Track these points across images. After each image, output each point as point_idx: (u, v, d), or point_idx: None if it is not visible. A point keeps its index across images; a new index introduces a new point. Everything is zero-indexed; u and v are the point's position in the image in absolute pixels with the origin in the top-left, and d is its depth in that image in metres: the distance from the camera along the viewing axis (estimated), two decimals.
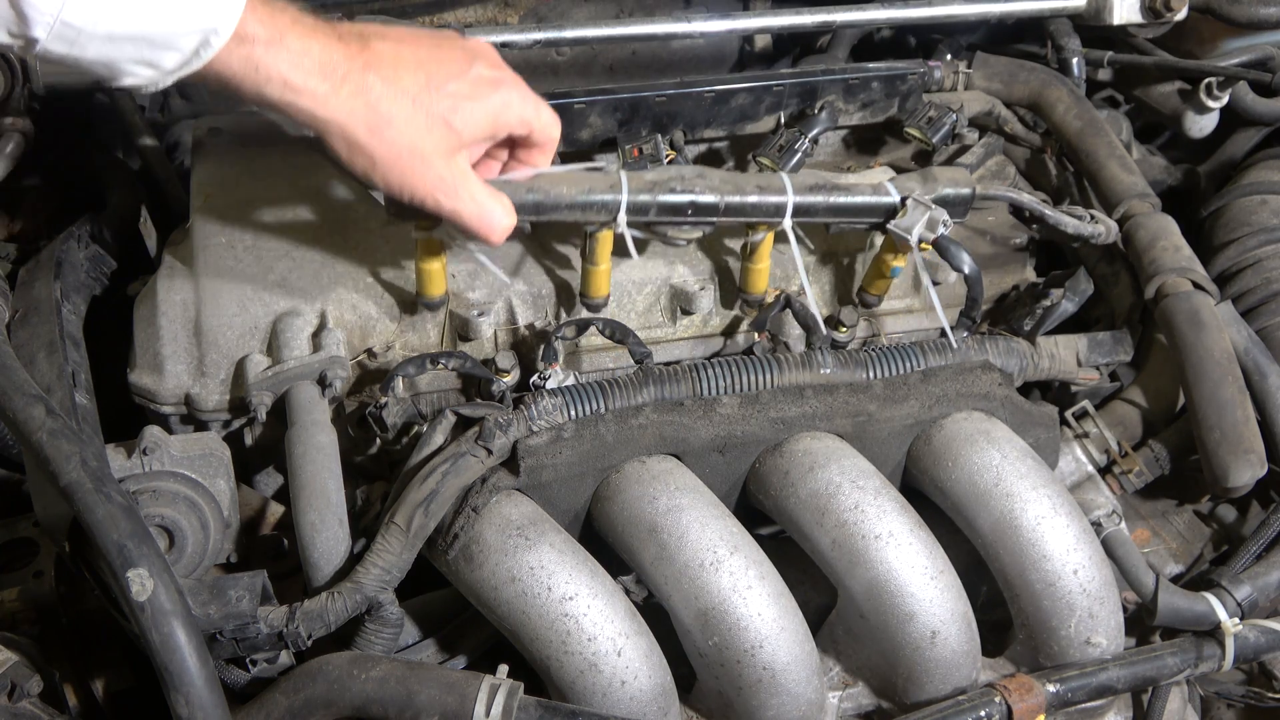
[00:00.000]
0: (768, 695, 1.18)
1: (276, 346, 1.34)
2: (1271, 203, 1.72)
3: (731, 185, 1.35)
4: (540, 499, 1.24)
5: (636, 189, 1.31)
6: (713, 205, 1.34)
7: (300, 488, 1.23)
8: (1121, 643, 1.32)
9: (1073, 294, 1.52)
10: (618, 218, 1.31)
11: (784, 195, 1.36)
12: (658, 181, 1.33)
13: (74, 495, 1.05)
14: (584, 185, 1.30)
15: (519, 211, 1.25)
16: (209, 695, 1.01)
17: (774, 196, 1.35)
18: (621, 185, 1.31)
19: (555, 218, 1.30)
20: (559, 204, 1.29)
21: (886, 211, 1.39)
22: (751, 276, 1.43)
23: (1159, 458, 1.50)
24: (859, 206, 1.39)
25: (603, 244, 1.35)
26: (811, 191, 1.37)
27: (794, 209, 1.36)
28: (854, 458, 1.30)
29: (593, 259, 1.36)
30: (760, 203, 1.35)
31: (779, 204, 1.36)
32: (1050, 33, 1.84)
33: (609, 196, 1.30)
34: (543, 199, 1.28)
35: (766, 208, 1.36)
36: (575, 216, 1.31)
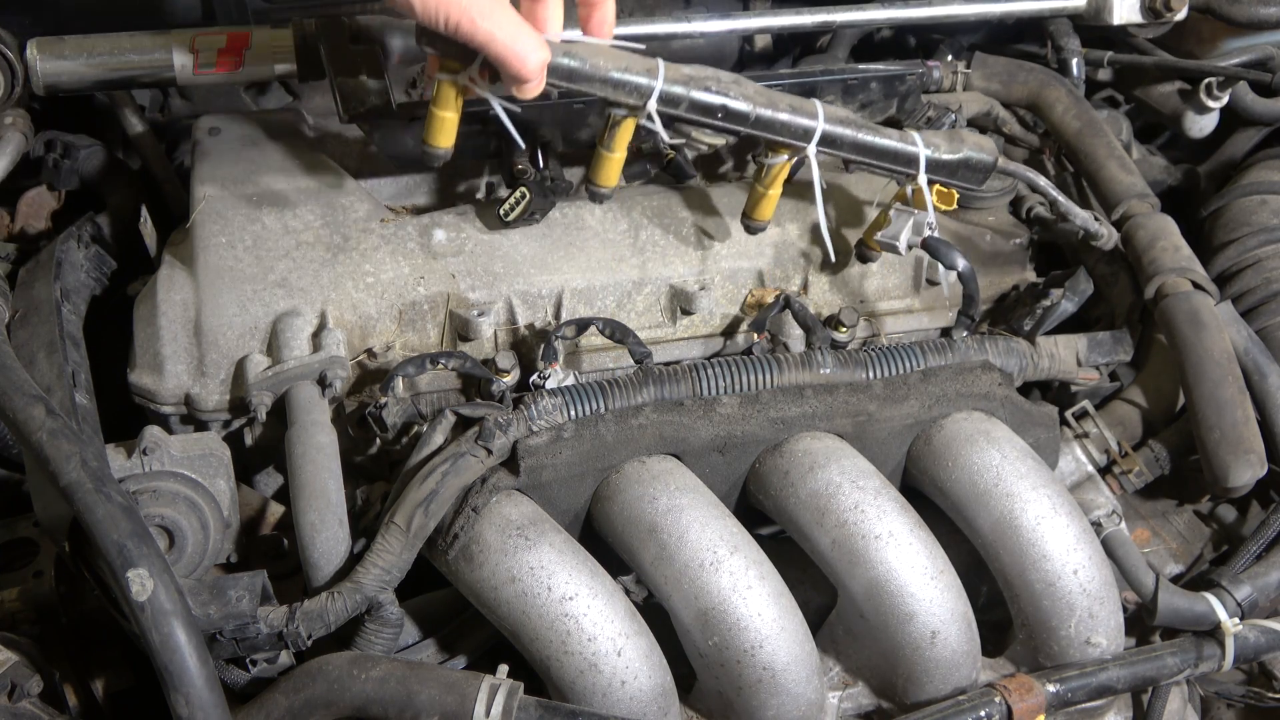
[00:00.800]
0: (768, 695, 1.18)
1: (276, 346, 1.34)
2: (1271, 203, 1.72)
3: (765, 99, 1.33)
4: (540, 499, 1.24)
5: (672, 79, 1.28)
6: (743, 114, 1.32)
7: (300, 488, 1.23)
8: (1121, 643, 1.32)
9: (1073, 294, 1.52)
10: (648, 104, 1.28)
11: (815, 120, 1.34)
12: (694, 78, 1.30)
13: (74, 495, 1.05)
14: (621, 62, 1.27)
15: (551, 75, 1.21)
16: (209, 695, 1.01)
17: (804, 119, 1.34)
18: (658, 71, 1.28)
19: (586, 89, 1.26)
20: (594, 76, 1.25)
21: (908, 160, 1.39)
22: (761, 202, 1.42)
23: (1159, 458, 1.50)
24: (883, 149, 1.38)
25: (624, 131, 1.32)
26: (841, 124, 1.36)
27: (821, 137, 1.35)
28: (854, 458, 1.30)
29: (610, 145, 1.34)
30: (790, 122, 1.34)
31: (808, 127, 1.34)
32: (1050, 33, 1.84)
33: (644, 80, 1.27)
34: (579, 66, 1.24)
35: (795, 128, 1.34)
36: (606, 92, 1.27)
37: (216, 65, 1.49)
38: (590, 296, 1.44)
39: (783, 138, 1.35)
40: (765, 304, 1.44)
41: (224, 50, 1.49)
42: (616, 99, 1.28)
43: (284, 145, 1.50)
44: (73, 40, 1.47)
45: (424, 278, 1.40)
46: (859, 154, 1.38)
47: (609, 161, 1.36)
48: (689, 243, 1.48)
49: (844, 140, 1.36)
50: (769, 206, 1.43)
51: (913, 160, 1.39)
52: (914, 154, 1.38)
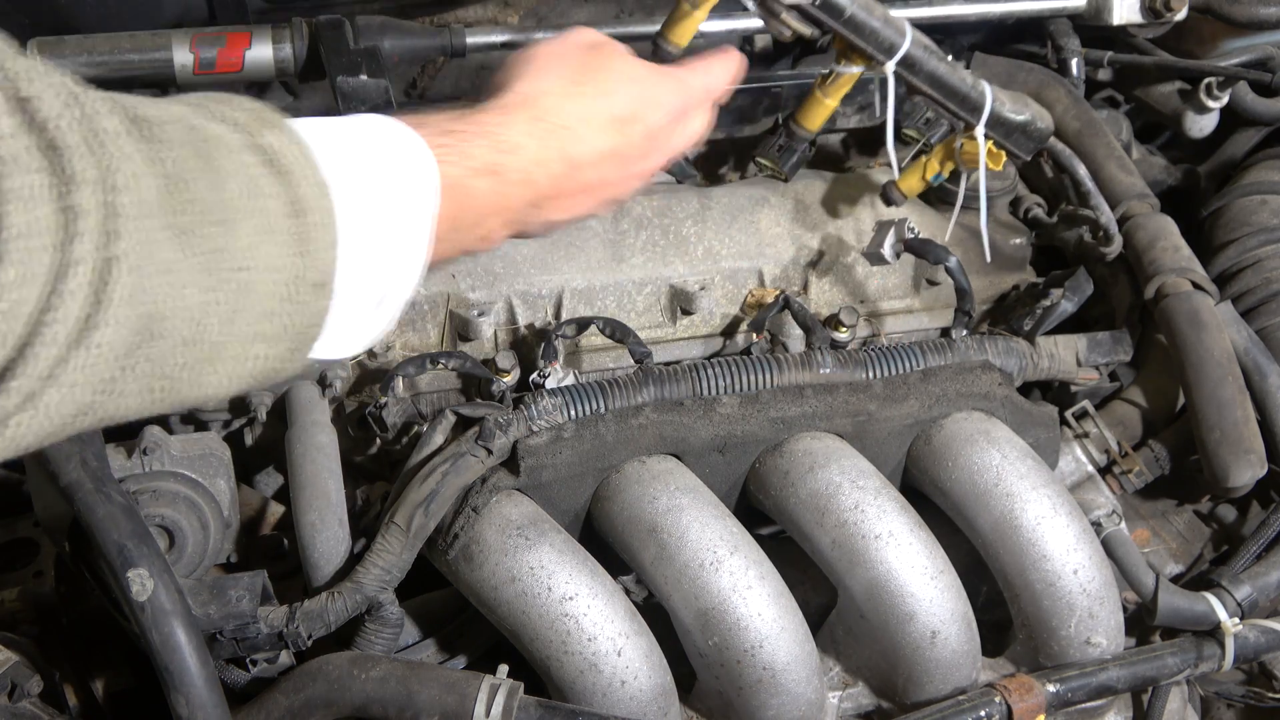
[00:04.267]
0: (768, 695, 1.18)
1: None
2: (1271, 203, 1.72)
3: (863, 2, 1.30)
4: (540, 499, 1.24)
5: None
6: (839, 7, 1.29)
7: (300, 488, 1.23)
8: (1121, 643, 1.32)
9: (1072, 294, 1.52)
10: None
11: (903, 37, 1.33)
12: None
13: (74, 495, 1.05)
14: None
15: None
16: (209, 695, 1.01)
17: (893, 33, 1.32)
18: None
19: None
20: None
21: (974, 107, 1.37)
22: (814, 109, 1.42)
23: (1159, 458, 1.50)
24: (954, 87, 1.36)
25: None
26: (925, 50, 1.35)
27: (903, 56, 1.33)
28: (854, 458, 1.30)
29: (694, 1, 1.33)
30: (880, 30, 1.32)
31: (894, 43, 1.32)
32: (1050, 33, 1.83)
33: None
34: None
35: (883, 39, 1.32)
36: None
37: (216, 65, 1.49)
38: (590, 296, 1.44)
39: (869, 45, 1.33)
40: (765, 304, 1.44)
41: (224, 50, 1.49)
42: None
43: None
44: (73, 40, 1.47)
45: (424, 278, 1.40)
46: (931, 85, 1.36)
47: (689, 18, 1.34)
48: (689, 243, 1.48)
49: (922, 66, 1.34)
50: (821, 116, 1.42)
51: (978, 109, 1.37)
52: (980, 102, 1.37)
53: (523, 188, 0.95)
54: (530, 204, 0.97)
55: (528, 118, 0.96)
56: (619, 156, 1.03)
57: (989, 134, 1.39)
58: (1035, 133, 1.40)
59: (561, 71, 1.02)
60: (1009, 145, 1.41)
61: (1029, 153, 1.42)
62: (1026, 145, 1.41)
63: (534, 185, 0.96)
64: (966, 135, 1.39)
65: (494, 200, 0.94)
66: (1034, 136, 1.40)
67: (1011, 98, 1.40)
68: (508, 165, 0.93)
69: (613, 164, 1.03)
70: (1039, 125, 1.40)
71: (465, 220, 0.92)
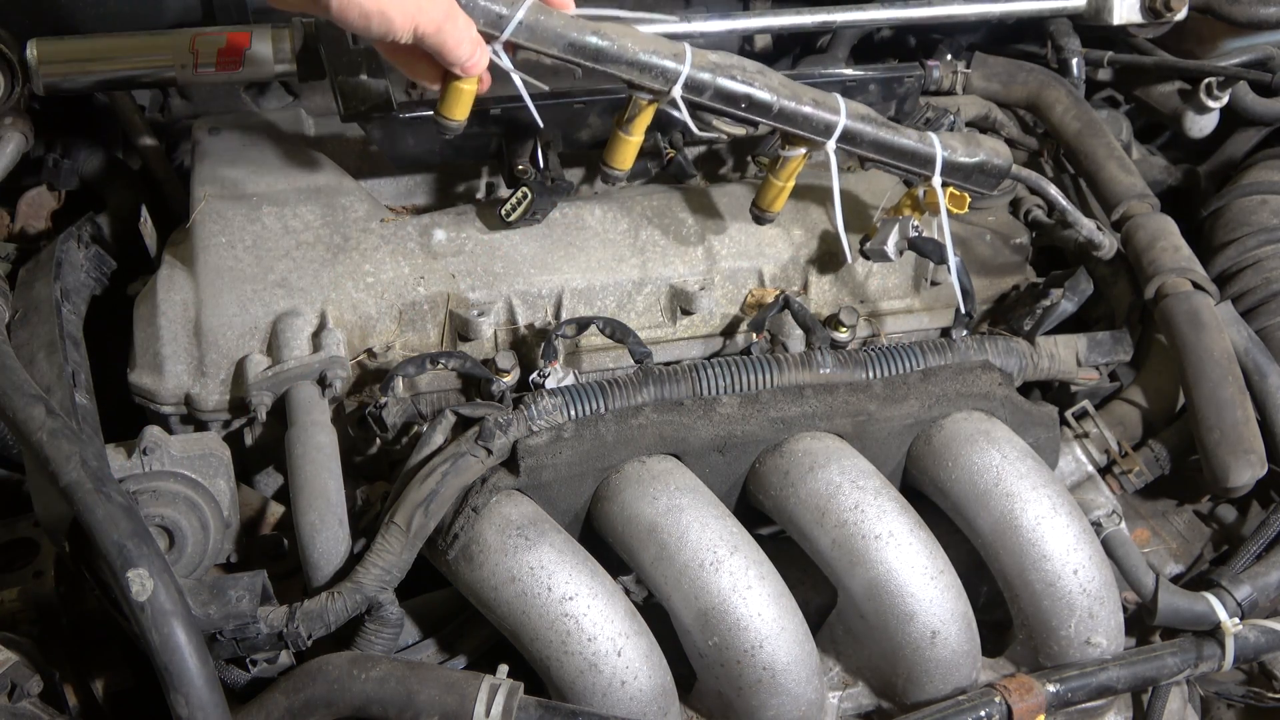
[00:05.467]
0: (768, 695, 1.18)
1: (276, 346, 1.34)
2: (1271, 203, 1.72)
3: (789, 91, 1.32)
4: (540, 499, 1.24)
5: (699, 65, 1.27)
6: (767, 104, 1.31)
7: (300, 488, 1.23)
8: (1121, 643, 1.32)
9: (1072, 294, 1.52)
10: (673, 89, 1.27)
11: (837, 115, 1.34)
12: (720, 65, 1.29)
13: (74, 495, 1.05)
14: (649, 45, 1.25)
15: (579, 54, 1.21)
16: (209, 695, 1.01)
17: (827, 113, 1.33)
18: (686, 57, 1.27)
19: (612, 70, 1.25)
20: (621, 57, 1.24)
21: (925, 160, 1.38)
22: (773, 193, 1.41)
23: (1159, 458, 1.50)
24: (901, 148, 1.38)
25: (645, 115, 1.31)
26: (862, 120, 1.35)
27: (841, 133, 1.34)
28: (854, 458, 1.30)
29: (629, 129, 1.33)
30: (812, 115, 1.33)
31: (829, 122, 1.33)
32: (1050, 33, 1.84)
33: (671, 64, 1.26)
34: (606, 46, 1.23)
35: (816, 122, 1.33)
36: (632, 75, 1.26)
37: (216, 65, 1.49)
38: (590, 296, 1.44)
39: (804, 131, 1.34)
40: (765, 304, 1.44)
41: (224, 50, 1.49)
42: (641, 83, 1.27)
43: (284, 145, 1.50)
44: (73, 40, 1.47)
45: (424, 278, 1.40)
46: (877, 152, 1.37)
47: (626, 144, 1.35)
48: (689, 243, 1.48)
49: (864, 137, 1.36)
50: (781, 199, 1.42)
51: (929, 161, 1.38)
52: (931, 155, 1.38)
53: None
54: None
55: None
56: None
57: (948, 181, 1.40)
58: (993, 169, 1.41)
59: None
60: (970, 187, 1.42)
61: (992, 189, 1.43)
62: (987, 183, 1.42)
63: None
64: (926, 185, 1.41)
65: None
66: (992, 173, 1.41)
67: (963, 140, 1.41)
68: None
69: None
70: (995, 162, 1.41)
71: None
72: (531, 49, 1.21)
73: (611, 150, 1.36)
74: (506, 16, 1.17)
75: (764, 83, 1.30)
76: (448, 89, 1.25)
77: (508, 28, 1.18)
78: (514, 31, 1.18)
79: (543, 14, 1.20)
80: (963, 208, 1.41)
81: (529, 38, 1.20)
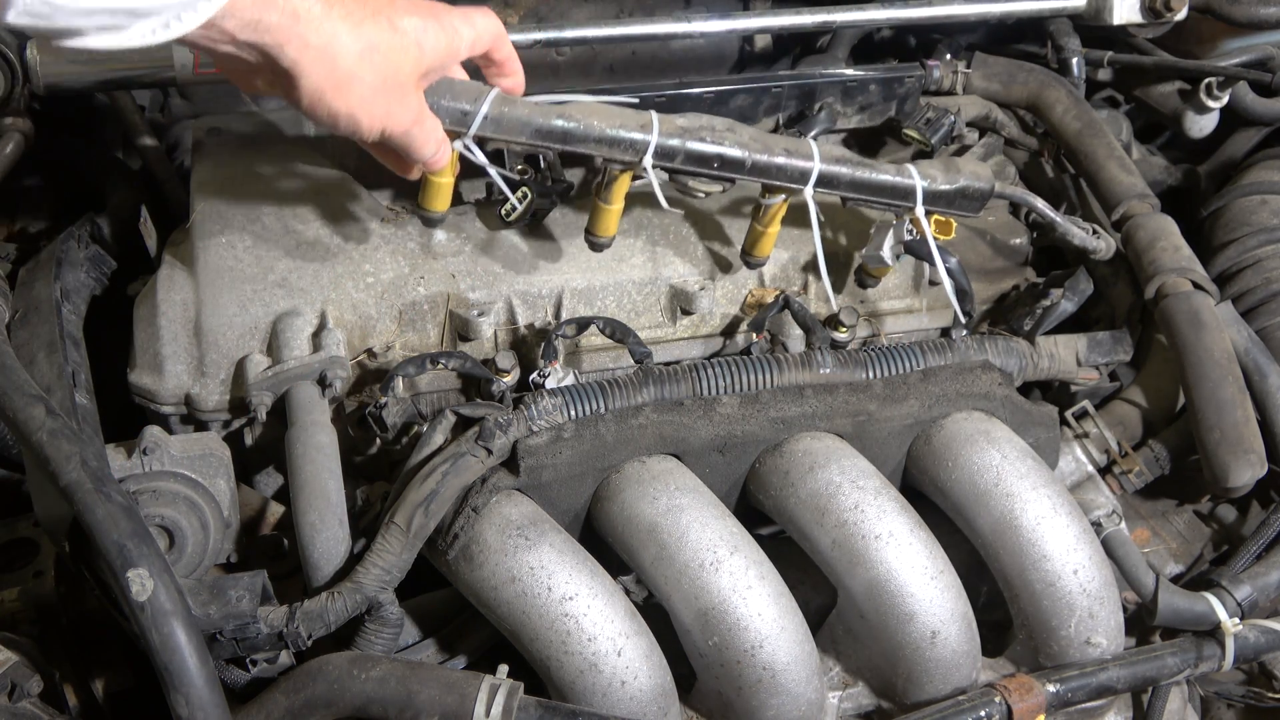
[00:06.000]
0: (768, 695, 1.18)
1: (276, 346, 1.34)
2: (1271, 203, 1.72)
3: (760, 145, 1.33)
4: (540, 499, 1.24)
5: (667, 133, 1.30)
6: (739, 161, 1.32)
7: (300, 488, 1.23)
8: (1121, 643, 1.32)
9: (1072, 294, 1.52)
10: (643, 159, 1.29)
11: (810, 161, 1.35)
12: (688, 129, 1.31)
13: (74, 495, 1.05)
14: (615, 120, 1.28)
15: (546, 138, 1.24)
16: (209, 695, 1.01)
17: (800, 161, 1.35)
18: (653, 126, 1.29)
19: (581, 149, 1.28)
20: (588, 136, 1.27)
21: (905, 193, 1.39)
22: (759, 240, 1.42)
23: (1159, 458, 1.50)
24: (880, 185, 1.38)
25: (621, 185, 1.34)
26: (837, 163, 1.36)
27: (817, 178, 1.35)
28: (854, 458, 1.30)
29: (607, 198, 1.35)
30: (786, 165, 1.34)
31: (804, 170, 1.35)
32: (1050, 33, 1.84)
33: (639, 135, 1.28)
34: (573, 128, 1.26)
35: (791, 171, 1.35)
36: (602, 151, 1.28)
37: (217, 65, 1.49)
38: (590, 296, 1.44)
39: (780, 181, 1.36)
40: (765, 304, 1.44)
41: None
42: (612, 156, 1.29)
43: (284, 145, 1.50)
44: None
45: (424, 278, 1.40)
46: (856, 191, 1.39)
47: (607, 214, 1.37)
48: (689, 243, 1.48)
49: (841, 179, 1.37)
50: (768, 244, 1.43)
51: (910, 194, 1.39)
52: (911, 188, 1.39)
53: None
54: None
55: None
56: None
57: (931, 210, 1.41)
58: (975, 193, 1.42)
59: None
60: (954, 212, 1.43)
61: (976, 211, 1.44)
62: (971, 206, 1.43)
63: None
64: (911, 216, 1.41)
65: None
66: (975, 197, 1.42)
67: (943, 167, 1.42)
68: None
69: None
70: (976, 186, 1.42)
71: None
72: (500, 140, 1.25)
73: (594, 220, 1.38)
74: (471, 113, 1.21)
75: (734, 140, 1.32)
76: (425, 184, 1.31)
77: (473, 124, 1.21)
78: (480, 126, 1.22)
79: (506, 105, 1.23)
80: (950, 233, 1.42)
81: (495, 130, 1.23)
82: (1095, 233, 1.56)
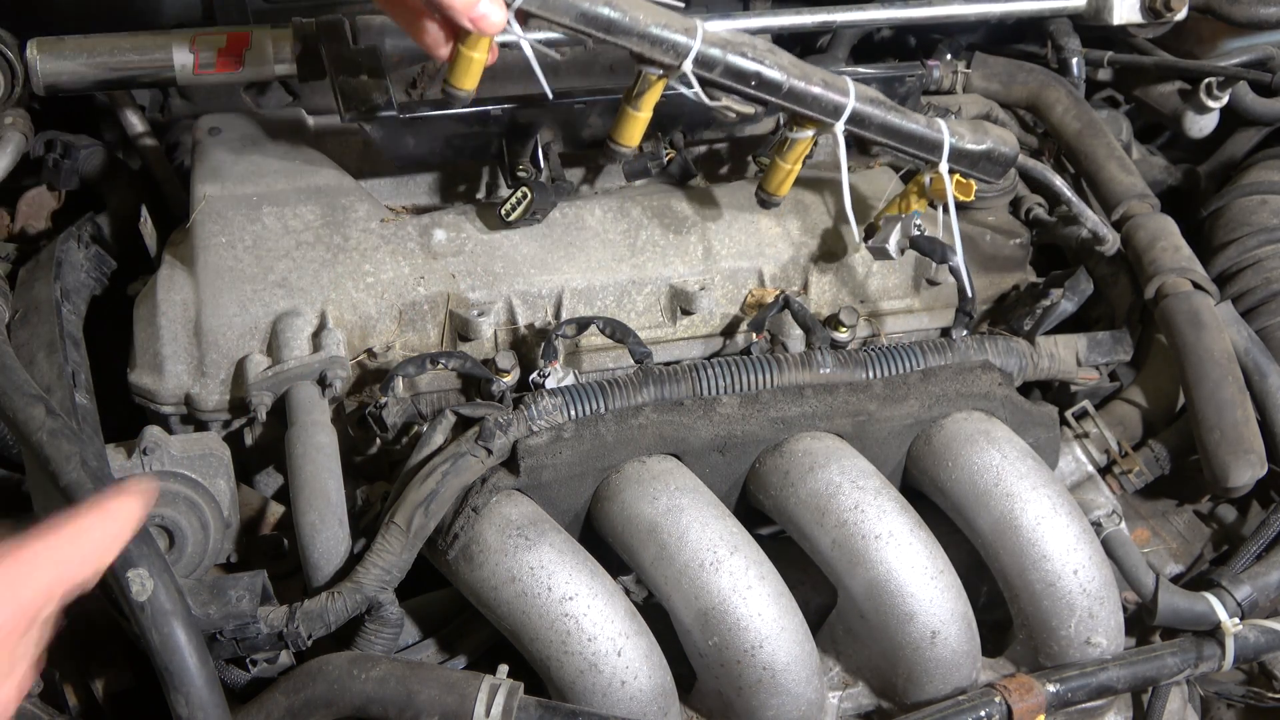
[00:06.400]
0: (768, 695, 1.18)
1: (276, 346, 1.34)
2: (1271, 203, 1.72)
3: (799, 71, 1.31)
4: (540, 499, 1.24)
5: (710, 41, 1.26)
6: (777, 83, 1.30)
7: (300, 488, 1.23)
8: (1121, 643, 1.32)
9: (1072, 294, 1.52)
10: (683, 64, 1.25)
11: (846, 96, 1.33)
12: (731, 42, 1.28)
13: (74, 495, 1.05)
14: (661, 18, 1.24)
15: (590, 23, 1.20)
16: (209, 695, 1.01)
17: (836, 95, 1.33)
18: (697, 31, 1.25)
19: (623, 42, 1.23)
20: (633, 29, 1.22)
21: (933, 146, 1.38)
22: (780, 176, 1.41)
23: (1159, 458, 1.50)
24: (909, 133, 1.37)
25: (654, 91, 1.30)
26: (871, 103, 1.35)
27: (850, 115, 1.34)
28: (854, 458, 1.30)
29: (637, 104, 1.32)
30: (821, 95, 1.32)
31: (838, 104, 1.33)
32: (1050, 33, 1.84)
33: (682, 38, 1.25)
34: (618, 18, 1.22)
35: (825, 103, 1.32)
36: (643, 48, 1.24)
37: (216, 65, 1.49)
38: (590, 296, 1.44)
39: (813, 112, 1.33)
40: (765, 304, 1.44)
41: (224, 50, 1.49)
42: (653, 56, 1.25)
43: (284, 145, 1.50)
44: (73, 40, 1.47)
45: (424, 278, 1.40)
46: (885, 135, 1.37)
47: (635, 120, 1.34)
48: (689, 243, 1.48)
49: (872, 120, 1.35)
50: (788, 182, 1.42)
51: (937, 147, 1.38)
52: (939, 140, 1.38)
53: None
54: None
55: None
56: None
57: (954, 168, 1.40)
58: (1000, 157, 1.41)
59: None
60: (976, 174, 1.42)
61: (998, 177, 1.43)
62: (994, 171, 1.42)
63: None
64: (933, 172, 1.40)
65: None
66: (999, 161, 1.41)
67: (971, 127, 1.41)
68: None
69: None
70: (1002, 150, 1.41)
71: None
72: (544, 17, 1.20)
73: (619, 127, 1.35)
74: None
75: (774, 61, 1.29)
76: (457, 58, 1.24)
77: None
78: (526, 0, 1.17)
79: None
80: (969, 195, 1.41)
81: (540, 6, 1.18)
82: (1104, 223, 1.56)
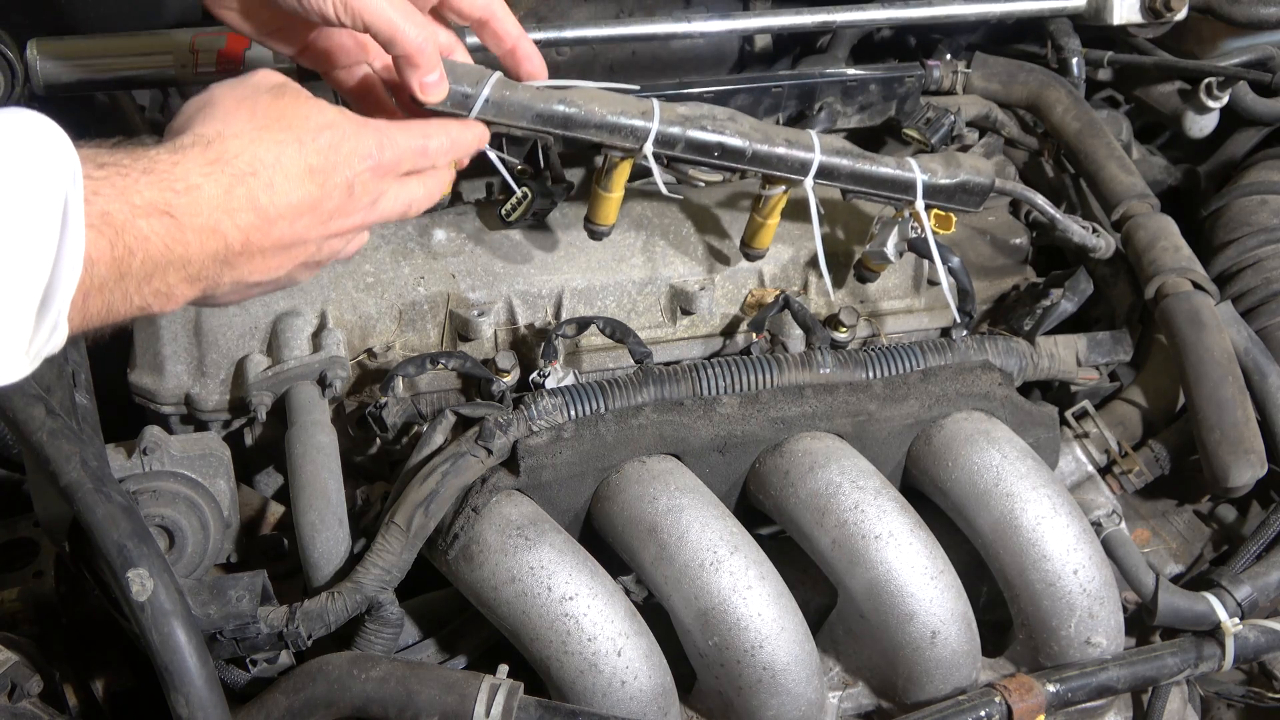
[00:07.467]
0: (768, 695, 1.18)
1: (276, 346, 1.34)
2: (1271, 203, 1.72)
3: (761, 134, 1.33)
4: (540, 499, 1.24)
5: (668, 120, 1.28)
6: (740, 150, 1.32)
7: (300, 488, 1.23)
8: (1121, 643, 1.32)
9: (1072, 294, 1.52)
10: (644, 146, 1.28)
11: (811, 152, 1.34)
12: (690, 117, 1.30)
13: (74, 495, 1.05)
14: (617, 106, 1.27)
15: (547, 123, 1.22)
16: (209, 695, 1.01)
17: (801, 152, 1.34)
18: (654, 114, 1.28)
19: (583, 135, 1.26)
20: (589, 121, 1.25)
21: (905, 186, 1.39)
22: (759, 231, 1.43)
23: (1159, 458, 1.50)
24: (880, 178, 1.38)
25: (621, 172, 1.33)
26: (838, 154, 1.36)
27: (818, 169, 1.35)
28: (854, 458, 1.30)
29: (607, 185, 1.35)
30: (787, 156, 1.34)
31: (805, 160, 1.34)
32: (1050, 33, 1.83)
33: (640, 122, 1.27)
34: (574, 113, 1.24)
35: (792, 162, 1.34)
36: (602, 137, 1.27)
37: (217, 65, 1.49)
38: (590, 296, 1.44)
39: (780, 171, 1.35)
40: (765, 304, 1.44)
41: (224, 50, 1.49)
42: (613, 143, 1.28)
43: None
44: (73, 40, 1.47)
45: (424, 278, 1.40)
46: (856, 183, 1.38)
47: (607, 201, 1.37)
48: (689, 242, 1.49)
49: (841, 171, 1.37)
50: (767, 235, 1.44)
51: (910, 187, 1.39)
52: (911, 181, 1.39)
53: (205, 237, 0.84)
54: (218, 259, 0.87)
55: (205, 159, 0.86)
56: (318, 210, 0.92)
57: (931, 204, 1.41)
58: (975, 187, 1.42)
59: (246, 114, 0.92)
60: (954, 206, 1.43)
61: (976, 206, 1.44)
62: (970, 201, 1.43)
63: (219, 236, 0.85)
64: (910, 209, 1.41)
65: (169, 248, 0.82)
66: (975, 191, 1.42)
67: (944, 161, 1.42)
68: (182, 208, 0.82)
69: (311, 219, 0.92)
70: (977, 180, 1.41)
71: (133, 267, 0.81)
72: (501, 124, 1.22)
73: (594, 208, 1.38)
74: (473, 95, 1.18)
75: (735, 129, 1.31)
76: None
77: (475, 106, 1.19)
78: (481, 110, 1.19)
79: (508, 89, 1.21)
80: (949, 228, 1.42)
81: (496, 114, 1.21)
82: (1095, 231, 1.56)
